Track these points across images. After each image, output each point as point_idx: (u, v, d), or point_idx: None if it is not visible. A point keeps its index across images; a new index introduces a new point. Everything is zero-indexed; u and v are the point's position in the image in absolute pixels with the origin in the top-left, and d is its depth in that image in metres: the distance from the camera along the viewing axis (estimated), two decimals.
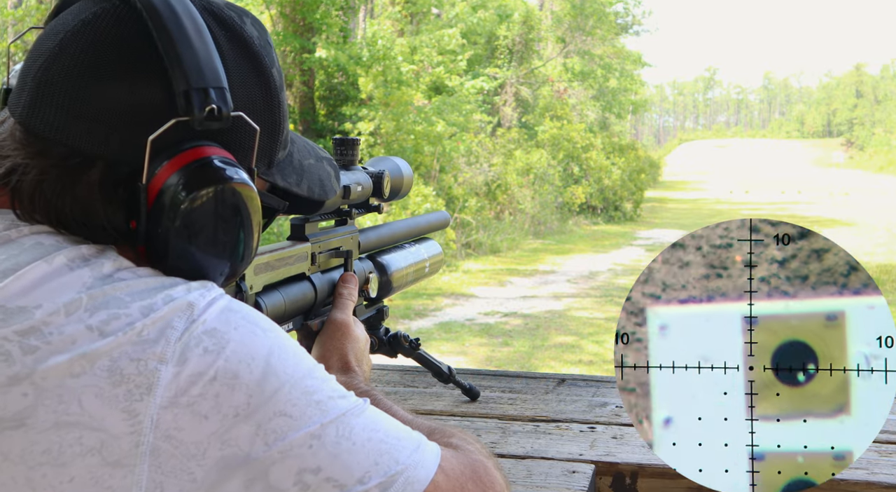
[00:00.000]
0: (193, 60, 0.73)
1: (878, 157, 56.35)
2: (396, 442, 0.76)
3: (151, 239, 0.74)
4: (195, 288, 0.72)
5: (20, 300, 0.68)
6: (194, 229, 0.74)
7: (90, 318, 0.68)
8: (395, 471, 0.74)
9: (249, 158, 0.80)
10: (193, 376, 0.67)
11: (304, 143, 0.96)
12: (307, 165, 0.92)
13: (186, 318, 0.69)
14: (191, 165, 0.74)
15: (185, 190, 0.73)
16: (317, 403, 0.72)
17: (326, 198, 0.94)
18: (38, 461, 0.65)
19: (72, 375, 0.66)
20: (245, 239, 0.78)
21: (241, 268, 0.80)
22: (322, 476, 0.70)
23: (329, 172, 0.97)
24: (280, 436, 0.69)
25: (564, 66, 26.75)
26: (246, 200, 0.77)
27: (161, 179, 0.74)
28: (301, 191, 0.90)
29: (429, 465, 0.77)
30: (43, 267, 0.70)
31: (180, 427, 0.66)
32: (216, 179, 0.74)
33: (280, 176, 0.87)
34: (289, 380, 0.71)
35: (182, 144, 0.74)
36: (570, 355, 7.96)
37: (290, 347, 0.74)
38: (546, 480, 1.33)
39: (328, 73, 14.94)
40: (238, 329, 0.71)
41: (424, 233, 1.61)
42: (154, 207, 0.74)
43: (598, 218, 21.66)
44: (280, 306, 1.11)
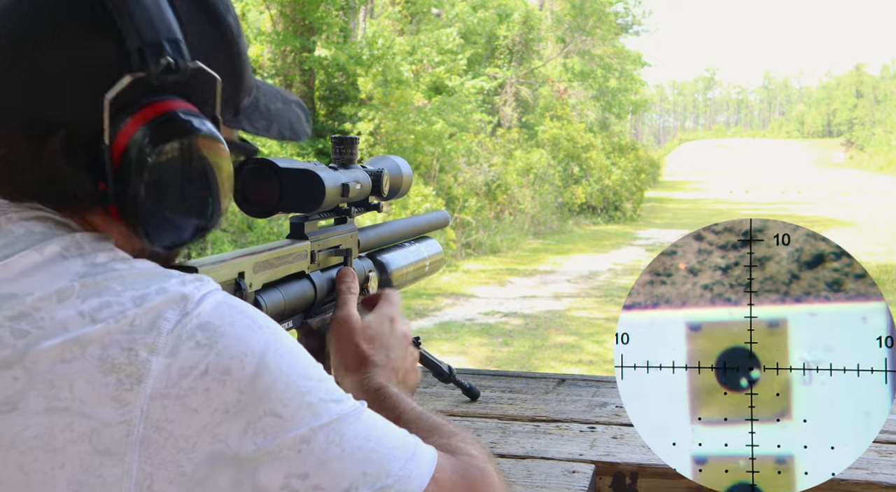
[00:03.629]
0: (144, 14, 0.72)
1: (878, 157, 56.38)
2: (388, 452, 0.74)
3: (121, 199, 0.73)
4: (190, 281, 0.72)
5: (11, 287, 0.68)
6: (163, 184, 0.73)
7: (82, 304, 0.67)
8: (384, 484, 0.73)
9: (213, 108, 0.79)
10: (184, 369, 0.67)
11: (270, 87, 0.94)
12: (275, 108, 0.91)
13: (180, 310, 0.69)
14: (154, 119, 0.73)
15: (150, 144, 0.72)
16: (308, 405, 0.71)
17: (298, 139, 0.93)
18: (30, 446, 0.65)
19: (63, 360, 0.66)
20: (217, 189, 0.77)
21: (215, 220, 0.79)
22: (309, 483, 0.70)
23: (299, 115, 0.94)
24: (269, 436, 0.68)
25: (564, 67, 26.76)
26: (214, 149, 0.76)
27: (125, 136, 0.73)
28: (272, 135, 0.89)
29: (422, 476, 0.76)
30: (34, 256, 0.70)
31: (170, 419, 0.66)
32: (182, 131, 0.73)
33: (248, 122, 0.86)
34: (282, 378, 0.70)
35: (142, 101, 0.73)
36: (571, 355, 7.96)
37: (286, 345, 0.73)
38: (546, 480, 1.32)
39: (328, 73, 14.94)
40: (234, 324, 0.70)
41: (424, 232, 1.60)
42: (120, 166, 0.73)
43: (598, 218, 21.66)
44: (280, 305, 1.11)
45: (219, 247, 9.72)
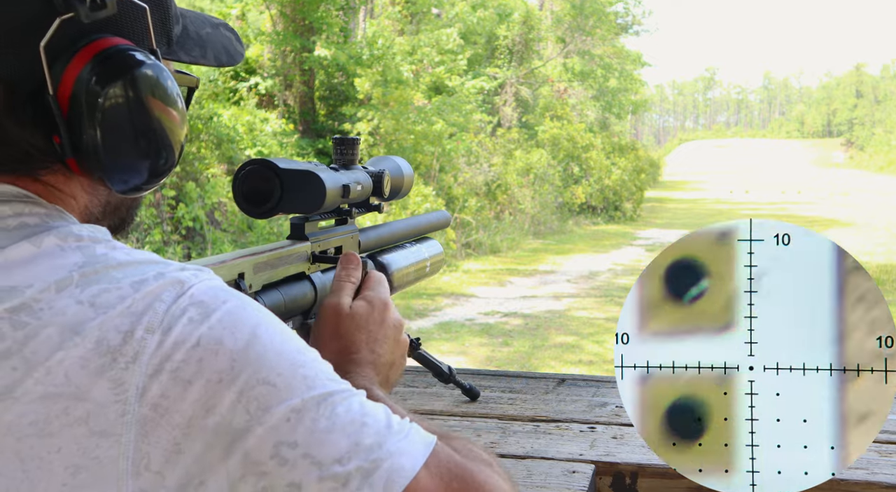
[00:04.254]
0: None
1: (878, 157, 56.37)
2: (385, 428, 0.72)
3: (78, 148, 0.72)
4: (189, 268, 0.72)
5: (9, 279, 0.68)
6: (119, 123, 0.72)
7: (81, 293, 0.67)
8: (377, 456, 0.70)
9: (148, 40, 0.77)
10: (177, 344, 0.67)
11: (195, 14, 0.92)
12: (205, 34, 0.89)
13: (176, 292, 0.69)
14: (94, 59, 0.71)
15: (98, 84, 0.71)
16: (304, 377, 0.70)
17: (234, 62, 0.91)
18: (26, 433, 0.65)
19: (61, 347, 0.66)
20: (173, 120, 0.76)
21: (176, 155, 0.78)
22: (299, 451, 0.68)
23: (229, 37, 0.93)
24: (261, 405, 0.67)
25: (564, 66, 26.76)
26: (163, 79, 0.75)
27: (68, 83, 0.71)
28: (209, 61, 0.88)
29: (415, 454, 0.72)
30: (29, 248, 0.70)
31: (165, 395, 0.66)
32: (127, 65, 0.72)
33: (183, 52, 0.85)
34: (274, 350, 0.69)
35: (78, 43, 0.72)
36: (571, 355, 7.96)
37: (278, 326, 0.72)
38: (546, 480, 1.32)
39: (328, 73, 14.95)
40: (227, 303, 0.70)
41: (425, 232, 1.61)
42: (70, 113, 0.71)
43: (598, 218, 21.67)
44: (280, 305, 1.11)
45: (219, 247, 9.72)
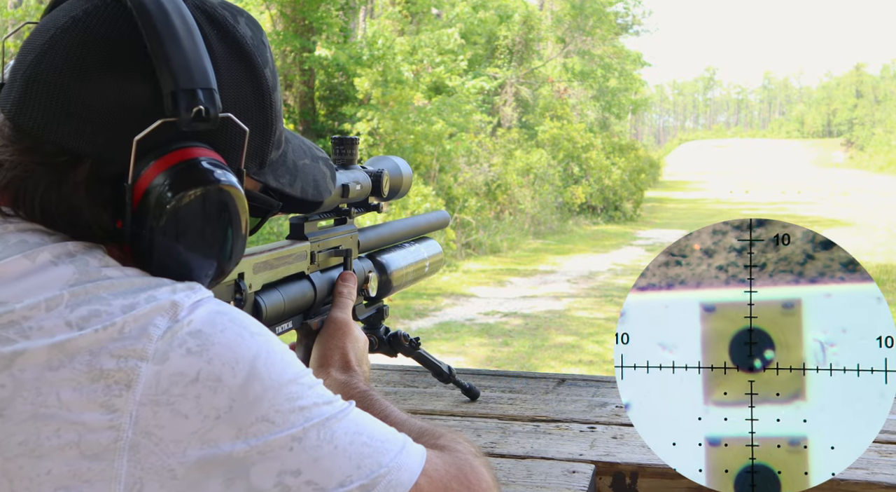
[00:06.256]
0: (182, 61, 0.73)
1: (878, 157, 56.36)
2: (380, 444, 0.76)
3: (136, 239, 0.74)
4: (180, 289, 0.72)
5: (1, 294, 0.69)
6: (179, 230, 0.74)
7: (70, 314, 0.68)
8: (377, 474, 0.74)
9: (239, 159, 0.79)
10: (175, 376, 0.67)
11: (301, 142, 0.95)
12: (301, 165, 0.92)
13: (169, 317, 0.69)
14: (177, 165, 0.74)
15: (170, 191, 0.73)
16: (301, 409, 0.72)
17: (320, 199, 0.94)
18: (15, 453, 0.65)
19: (50, 368, 0.66)
20: (231, 240, 0.78)
21: (228, 269, 0.80)
22: (302, 479, 0.70)
23: (324, 173, 0.96)
24: (261, 439, 0.69)
25: (564, 67, 26.75)
26: (233, 201, 0.76)
27: (147, 179, 0.73)
28: (294, 191, 0.90)
29: (413, 467, 0.77)
30: (24, 263, 0.70)
31: (160, 425, 0.66)
32: (202, 180, 0.74)
33: (272, 176, 0.87)
34: (273, 385, 0.71)
35: (169, 145, 0.74)
36: (571, 355, 7.95)
37: (277, 352, 0.73)
38: (546, 480, 1.32)
39: (328, 73, 14.95)
40: (224, 332, 0.71)
41: (424, 232, 1.61)
42: (139, 207, 0.73)
43: (598, 218, 21.66)
44: (279, 305, 1.11)
45: None
